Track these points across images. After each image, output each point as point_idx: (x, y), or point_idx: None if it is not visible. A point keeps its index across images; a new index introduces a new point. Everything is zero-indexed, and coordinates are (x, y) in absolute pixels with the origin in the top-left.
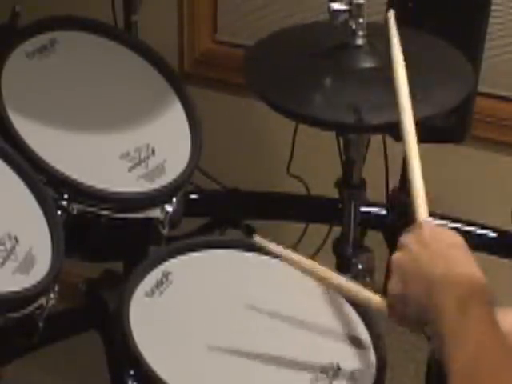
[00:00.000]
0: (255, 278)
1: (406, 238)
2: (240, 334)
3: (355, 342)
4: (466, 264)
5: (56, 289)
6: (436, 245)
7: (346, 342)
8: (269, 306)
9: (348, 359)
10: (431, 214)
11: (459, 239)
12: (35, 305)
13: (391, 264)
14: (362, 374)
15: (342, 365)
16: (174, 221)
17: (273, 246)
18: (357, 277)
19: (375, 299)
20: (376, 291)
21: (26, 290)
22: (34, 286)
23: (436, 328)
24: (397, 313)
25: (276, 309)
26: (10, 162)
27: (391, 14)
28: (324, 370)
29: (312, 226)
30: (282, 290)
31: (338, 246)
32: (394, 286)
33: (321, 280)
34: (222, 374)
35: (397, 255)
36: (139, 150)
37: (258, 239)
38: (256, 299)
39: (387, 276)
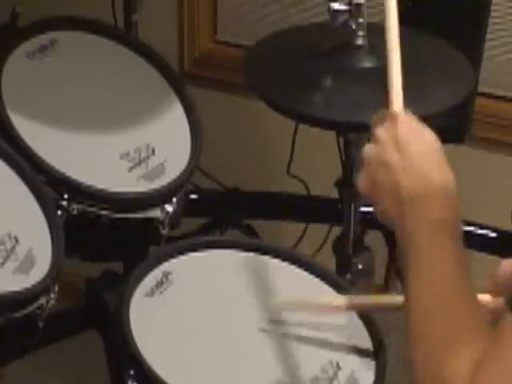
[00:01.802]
0: (255, 278)
1: (379, 132)
2: (240, 333)
3: (355, 339)
4: (441, 183)
5: (56, 289)
6: (410, 153)
7: (346, 341)
8: (269, 306)
9: (348, 359)
10: None
11: (434, 142)
12: (35, 305)
13: (362, 156)
14: (361, 374)
15: (342, 365)
16: (173, 221)
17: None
18: (357, 277)
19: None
20: (376, 291)
21: (26, 289)
22: (33, 286)
23: (401, 248)
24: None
25: (276, 308)
26: (10, 162)
27: None
28: (324, 370)
29: (312, 226)
30: (282, 289)
31: (338, 246)
32: (363, 182)
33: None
34: (221, 374)
35: (369, 149)
36: (139, 150)
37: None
38: (256, 299)
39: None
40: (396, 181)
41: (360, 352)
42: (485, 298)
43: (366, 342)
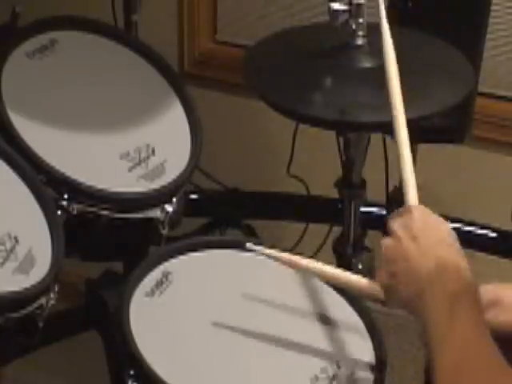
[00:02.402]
0: (255, 278)
1: (396, 225)
2: (240, 333)
3: (355, 338)
4: (454, 262)
5: (56, 289)
6: (426, 240)
7: (346, 341)
8: (269, 305)
9: (347, 359)
10: None
11: (449, 232)
12: (35, 305)
13: (381, 251)
14: (361, 373)
15: (342, 364)
16: (174, 221)
17: (265, 250)
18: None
19: (365, 284)
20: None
21: (26, 289)
22: (33, 286)
23: (426, 326)
24: (388, 299)
25: (276, 309)
26: (10, 162)
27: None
28: (324, 369)
29: (312, 226)
30: (282, 289)
31: (338, 246)
32: (384, 277)
33: (318, 275)
34: (221, 374)
35: (387, 244)
36: (139, 150)
37: (250, 246)
38: (256, 299)
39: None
40: (414, 267)
41: (360, 352)
42: None
43: (366, 342)
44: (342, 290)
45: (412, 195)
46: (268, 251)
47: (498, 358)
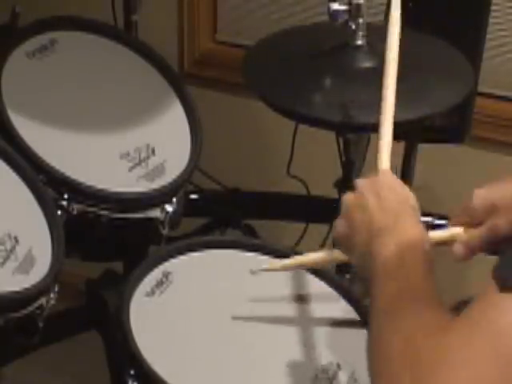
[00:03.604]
0: (255, 278)
1: (361, 182)
2: (240, 333)
3: (355, 338)
4: (413, 224)
5: (56, 289)
6: (388, 198)
7: (346, 341)
8: (269, 306)
9: (348, 359)
10: (430, 214)
11: (412, 197)
12: (35, 305)
13: (341, 204)
14: (361, 373)
15: (342, 365)
16: (174, 221)
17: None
18: (357, 277)
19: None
20: None
21: (26, 289)
22: (33, 286)
23: (370, 271)
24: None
25: (276, 309)
26: (10, 162)
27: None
28: (324, 369)
29: (312, 226)
30: (282, 290)
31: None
32: (340, 227)
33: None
34: (222, 374)
35: (348, 196)
36: (139, 150)
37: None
38: (256, 299)
39: None
40: (371, 219)
41: (359, 352)
42: (458, 230)
43: (366, 342)
44: (344, 291)
45: (384, 159)
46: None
47: (437, 303)
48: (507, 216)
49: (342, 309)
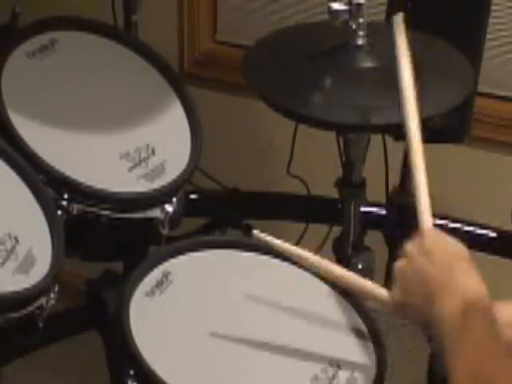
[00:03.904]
0: (255, 278)
1: (409, 247)
2: (240, 333)
3: (357, 336)
4: (467, 274)
5: (56, 289)
6: (438, 254)
7: (346, 341)
8: (269, 305)
9: (348, 359)
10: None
11: (462, 249)
12: (35, 305)
13: (394, 272)
14: (361, 373)
15: (342, 364)
16: (174, 221)
17: (272, 240)
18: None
19: (380, 294)
20: None
21: (26, 289)
22: (33, 285)
23: (438, 336)
24: (402, 316)
25: (276, 309)
26: (10, 162)
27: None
28: (324, 369)
29: (312, 226)
30: (282, 289)
31: (338, 246)
32: (396, 294)
33: (322, 273)
34: (222, 374)
35: (399, 264)
36: (139, 150)
37: (256, 234)
38: (256, 299)
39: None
40: (426, 278)
41: (360, 352)
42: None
43: (367, 342)
44: (343, 290)
45: (426, 219)
46: (275, 242)
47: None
48: None
49: (341, 308)
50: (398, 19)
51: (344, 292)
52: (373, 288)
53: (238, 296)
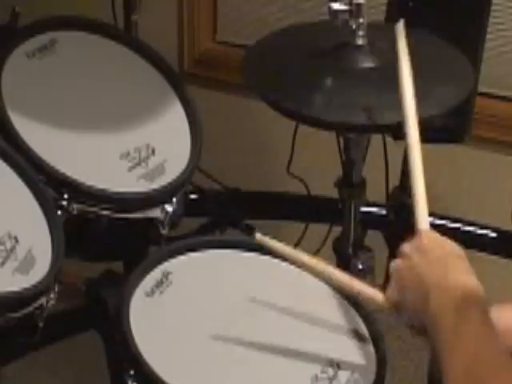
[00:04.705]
0: (255, 278)
1: (406, 247)
2: (240, 334)
3: (357, 337)
4: (463, 272)
5: (56, 289)
6: (434, 252)
7: (346, 341)
8: (269, 306)
9: (348, 359)
10: (431, 214)
11: (458, 249)
12: (35, 305)
13: (390, 271)
14: (361, 373)
15: (342, 365)
16: (174, 221)
17: (275, 244)
18: (357, 277)
19: (378, 297)
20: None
21: (26, 289)
22: (34, 286)
23: (433, 333)
24: (398, 315)
25: (276, 309)
26: (9, 162)
27: (401, 25)
28: (324, 369)
29: (312, 226)
30: (282, 290)
31: (338, 246)
32: (392, 292)
33: (323, 277)
34: (221, 374)
35: (396, 262)
36: (139, 150)
37: (259, 237)
38: (256, 299)
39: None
40: (421, 276)
41: (360, 352)
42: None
43: (367, 342)
44: (342, 291)
45: (422, 219)
46: (277, 246)
47: (508, 360)
48: None
49: (342, 308)
50: (400, 26)
51: (345, 293)
52: (372, 293)
53: (238, 296)
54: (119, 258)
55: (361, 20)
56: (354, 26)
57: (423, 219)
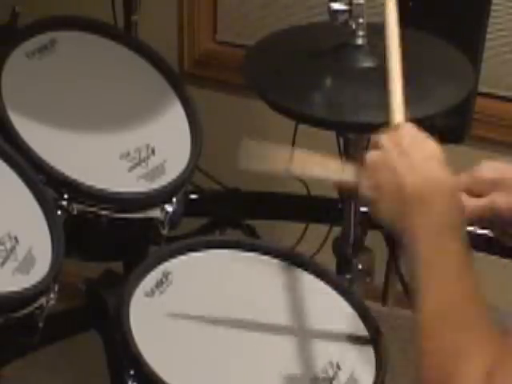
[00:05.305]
0: (255, 278)
1: (383, 139)
2: (239, 333)
3: (356, 337)
4: (440, 177)
5: (56, 289)
6: (414, 155)
7: (346, 341)
8: (268, 305)
9: (348, 359)
10: None
11: (436, 150)
12: (35, 305)
13: (365, 162)
14: (361, 374)
15: (342, 365)
16: (174, 221)
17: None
18: (357, 277)
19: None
20: (376, 291)
21: (26, 289)
22: (34, 286)
23: (409, 246)
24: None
25: (276, 309)
26: (9, 161)
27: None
28: (324, 370)
29: (312, 226)
30: (282, 289)
31: (338, 246)
32: (366, 186)
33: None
34: (221, 374)
35: (372, 155)
36: (139, 149)
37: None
38: (256, 299)
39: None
40: (400, 181)
41: (360, 352)
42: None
43: (367, 342)
44: (342, 290)
45: (399, 113)
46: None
47: (481, 313)
48: (508, 197)
49: (342, 309)
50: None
51: (344, 291)
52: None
53: (238, 296)
54: (119, 258)
55: (361, 20)
56: (353, 26)
57: (399, 113)
